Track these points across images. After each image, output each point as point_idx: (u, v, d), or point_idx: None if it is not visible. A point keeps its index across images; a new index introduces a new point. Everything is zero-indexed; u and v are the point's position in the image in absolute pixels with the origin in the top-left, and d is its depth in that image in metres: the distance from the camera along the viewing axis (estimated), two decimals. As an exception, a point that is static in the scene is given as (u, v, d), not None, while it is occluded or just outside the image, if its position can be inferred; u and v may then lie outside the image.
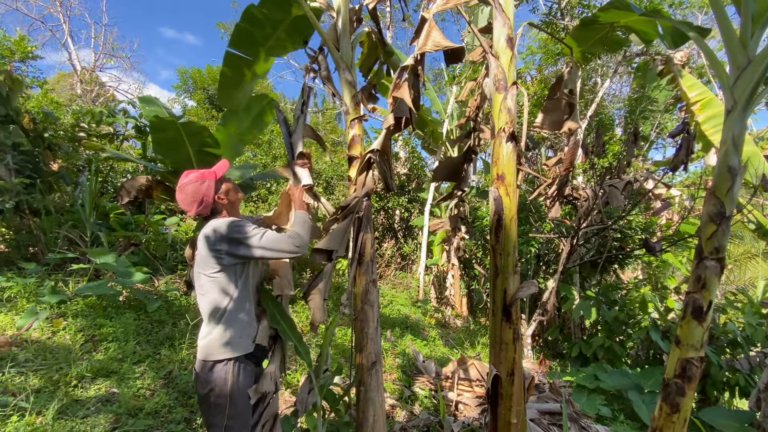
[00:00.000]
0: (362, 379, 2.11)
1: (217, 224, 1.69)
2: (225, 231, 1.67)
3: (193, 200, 1.72)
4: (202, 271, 1.71)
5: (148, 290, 4.99)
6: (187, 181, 1.74)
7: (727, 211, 1.91)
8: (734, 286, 8.13)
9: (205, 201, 1.73)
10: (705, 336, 1.95)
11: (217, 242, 1.66)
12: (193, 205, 1.73)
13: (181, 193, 1.74)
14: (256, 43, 2.69)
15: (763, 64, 1.92)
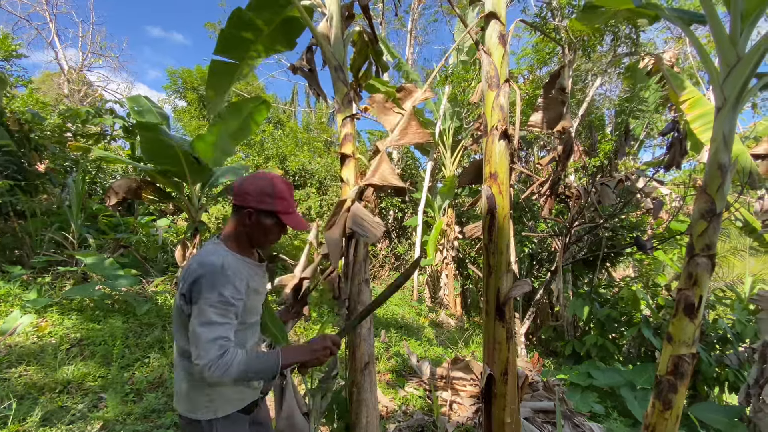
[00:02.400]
0: (355, 380, 2.09)
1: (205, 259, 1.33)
2: (204, 279, 1.28)
3: (246, 183, 1.40)
4: (180, 317, 1.37)
5: (137, 293, 4.91)
6: (271, 178, 1.43)
7: (717, 208, 1.92)
8: (723, 283, 8.25)
9: (244, 198, 1.38)
10: (696, 332, 1.96)
11: (195, 288, 1.29)
12: (240, 184, 1.41)
13: (258, 173, 1.44)
14: (243, 47, 2.63)
15: (752, 62, 1.94)
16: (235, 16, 2.44)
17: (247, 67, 2.80)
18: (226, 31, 2.51)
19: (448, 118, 8.83)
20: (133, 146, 5.93)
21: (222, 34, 2.52)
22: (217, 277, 1.28)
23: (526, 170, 3.05)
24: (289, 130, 11.94)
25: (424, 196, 9.03)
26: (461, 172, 5.28)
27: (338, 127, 2.41)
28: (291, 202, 1.46)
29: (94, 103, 14.05)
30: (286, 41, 2.72)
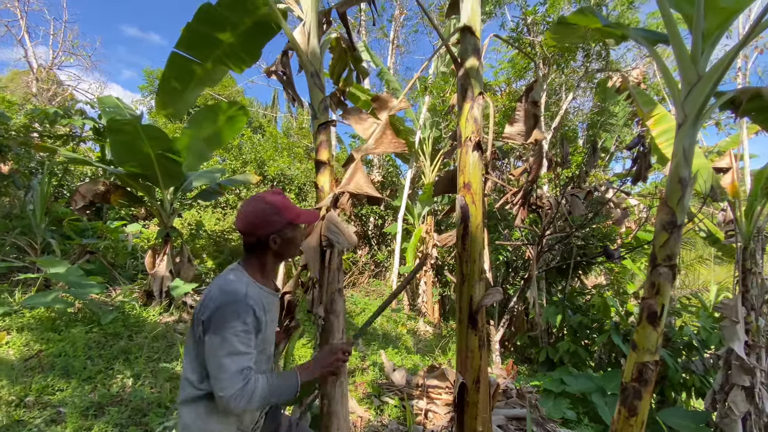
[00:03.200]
0: (325, 391, 2.05)
1: (228, 287, 1.30)
2: (224, 312, 1.24)
3: (253, 219, 1.37)
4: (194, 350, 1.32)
5: (103, 301, 4.71)
6: (261, 200, 1.40)
7: (678, 220, 2.00)
8: (689, 291, 8.59)
9: (259, 229, 1.37)
10: (659, 340, 2.02)
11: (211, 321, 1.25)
12: (248, 225, 1.37)
13: (247, 205, 1.40)
14: (208, 45, 2.56)
15: (712, 80, 2.04)
16: (203, 10, 2.37)
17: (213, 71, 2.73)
18: (191, 26, 2.42)
19: (427, 128, 8.94)
20: (103, 148, 5.73)
21: (187, 28, 2.43)
22: (240, 306, 1.26)
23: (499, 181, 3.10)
24: (269, 135, 11.81)
25: (404, 204, 9.08)
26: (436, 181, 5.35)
27: (314, 133, 2.39)
28: (290, 203, 1.46)
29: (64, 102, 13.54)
30: (254, 47, 2.67)
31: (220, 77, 2.96)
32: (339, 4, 2.50)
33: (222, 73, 2.90)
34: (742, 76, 8.89)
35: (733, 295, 3.85)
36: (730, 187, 4.11)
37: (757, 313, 3.89)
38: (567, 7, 6.77)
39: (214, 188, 5.38)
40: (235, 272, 1.38)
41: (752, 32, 2.03)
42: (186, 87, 2.84)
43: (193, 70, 2.72)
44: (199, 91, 2.97)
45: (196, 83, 2.85)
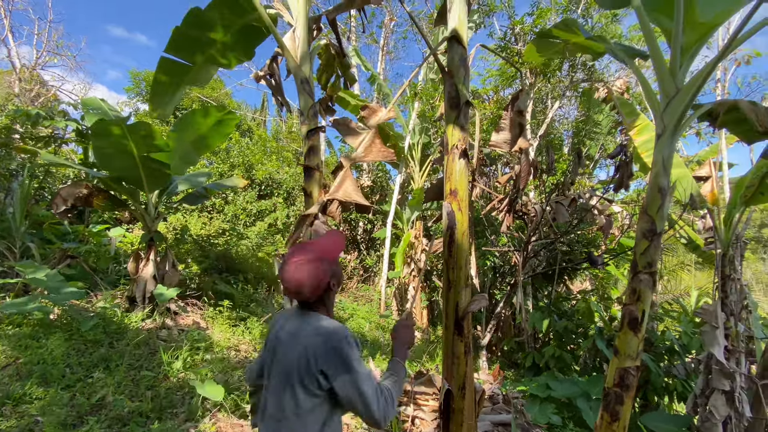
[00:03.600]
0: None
1: (329, 337, 1.32)
2: (339, 352, 1.29)
3: (312, 282, 1.37)
4: (299, 383, 1.29)
5: (83, 307, 4.60)
6: (304, 258, 1.38)
7: (658, 228, 2.05)
8: (670, 296, 8.77)
9: (321, 285, 1.39)
10: (640, 346, 2.06)
11: (331, 363, 1.28)
12: (308, 289, 1.37)
13: (296, 271, 1.36)
14: (197, 49, 2.55)
15: (690, 93, 2.10)
16: (193, 14, 2.37)
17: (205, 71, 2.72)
18: (180, 29, 2.41)
19: (417, 134, 9.00)
20: (86, 150, 5.62)
21: (176, 32, 2.42)
22: (348, 336, 1.34)
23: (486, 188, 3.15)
24: (258, 139, 11.73)
25: (393, 209, 9.10)
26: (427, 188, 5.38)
27: (303, 138, 2.39)
28: (324, 245, 1.48)
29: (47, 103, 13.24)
30: (244, 50, 2.67)
31: (211, 76, 2.95)
32: (329, 11, 2.52)
33: (212, 72, 2.90)
34: (721, 88, 9.19)
35: (713, 301, 3.94)
36: (709, 195, 4.23)
37: (736, 318, 3.98)
38: (554, 18, 6.93)
39: (200, 192, 5.32)
40: (314, 317, 1.42)
41: (729, 46, 2.10)
42: (177, 89, 2.83)
43: (184, 73, 2.71)
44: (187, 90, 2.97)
45: (186, 83, 2.84)
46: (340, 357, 1.29)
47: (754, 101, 1.95)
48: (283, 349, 1.37)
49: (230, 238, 7.20)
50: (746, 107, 1.89)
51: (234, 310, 5.66)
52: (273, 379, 1.37)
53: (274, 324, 1.50)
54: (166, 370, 3.71)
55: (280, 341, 1.40)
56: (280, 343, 1.40)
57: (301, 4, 2.35)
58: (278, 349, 1.39)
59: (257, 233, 8.06)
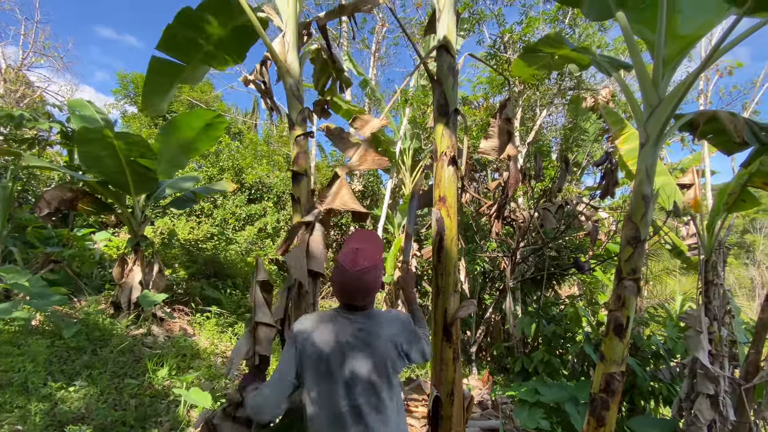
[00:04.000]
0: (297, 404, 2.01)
1: (402, 322, 1.54)
2: (412, 331, 1.55)
3: (373, 289, 1.47)
4: (391, 380, 1.42)
5: (67, 313, 4.49)
6: (368, 266, 1.42)
7: (642, 235, 2.09)
8: (656, 301, 8.90)
9: (378, 288, 1.51)
10: (626, 351, 2.09)
11: (412, 342, 1.52)
12: (373, 294, 1.48)
13: (363, 279, 1.41)
14: (189, 48, 2.54)
15: (672, 103, 2.15)
16: (184, 14, 2.36)
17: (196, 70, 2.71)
18: (172, 28, 2.40)
19: (408, 139, 9.04)
20: (71, 153, 5.52)
21: (167, 30, 2.41)
22: (406, 316, 1.62)
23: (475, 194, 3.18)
24: (249, 142, 11.66)
25: (384, 213, 9.09)
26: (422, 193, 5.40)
27: (291, 143, 2.38)
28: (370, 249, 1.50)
29: (33, 104, 13.00)
30: (236, 51, 2.67)
31: (202, 76, 2.94)
32: (319, 16, 2.53)
33: (204, 72, 2.89)
34: (704, 98, 9.43)
35: (697, 306, 4.01)
36: (692, 202, 4.33)
37: (720, 323, 4.06)
38: (542, 27, 7.05)
39: (188, 196, 5.26)
40: (374, 312, 1.54)
41: (710, 58, 2.16)
42: (169, 88, 2.81)
43: (176, 71, 2.70)
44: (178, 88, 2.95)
45: (178, 82, 2.83)
46: (414, 333, 1.55)
47: (733, 112, 2.01)
48: (356, 353, 1.39)
49: (219, 242, 7.12)
50: (725, 118, 1.95)
51: (222, 315, 5.59)
52: (358, 381, 1.38)
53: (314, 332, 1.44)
54: (150, 378, 3.64)
55: (350, 344, 1.40)
56: (351, 346, 1.40)
57: (290, 9, 2.35)
58: (354, 352, 1.39)
59: (246, 238, 7.98)
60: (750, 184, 3.31)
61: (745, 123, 1.92)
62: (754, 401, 3.63)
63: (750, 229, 29.37)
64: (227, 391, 3.87)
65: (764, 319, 3.57)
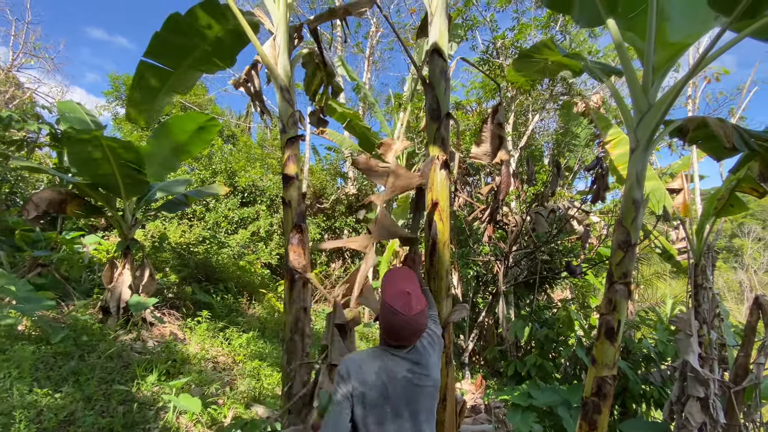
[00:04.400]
0: (290, 412, 1.99)
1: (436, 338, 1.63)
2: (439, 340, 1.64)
3: (424, 329, 1.52)
4: (436, 399, 1.52)
5: (54, 318, 4.41)
6: (423, 311, 1.48)
7: (632, 239, 2.11)
8: (647, 304, 8.98)
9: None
10: (617, 355, 2.10)
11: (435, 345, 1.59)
12: (419, 335, 1.50)
13: (415, 324, 1.44)
14: (178, 54, 2.52)
15: (661, 109, 2.18)
16: (172, 20, 2.35)
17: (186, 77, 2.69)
18: (160, 34, 2.39)
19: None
20: (60, 155, 5.45)
21: (155, 37, 2.41)
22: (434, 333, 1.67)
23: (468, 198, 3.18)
24: (242, 145, 11.61)
25: (377, 217, 9.07)
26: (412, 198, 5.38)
27: (282, 147, 2.37)
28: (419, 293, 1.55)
29: (22, 105, 12.82)
30: (226, 56, 2.66)
31: (193, 83, 2.91)
32: (310, 20, 2.53)
33: (194, 78, 2.85)
34: (692, 103, 9.59)
35: (687, 309, 4.05)
36: (682, 207, 4.38)
37: (709, 326, 4.10)
38: (534, 33, 7.13)
39: (180, 199, 5.21)
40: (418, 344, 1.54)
41: (698, 65, 2.19)
42: (156, 95, 2.78)
43: (164, 78, 2.67)
44: (170, 98, 2.90)
45: (167, 90, 2.79)
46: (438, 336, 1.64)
47: (721, 118, 2.03)
48: (414, 387, 1.43)
49: (211, 246, 7.05)
50: (714, 124, 1.97)
51: (213, 320, 5.53)
52: (422, 412, 1.44)
53: (371, 372, 1.43)
54: (139, 384, 3.58)
55: (409, 380, 1.43)
56: (410, 382, 1.43)
57: (281, 12, 2.35)
58: (407, 391, 1.43)
59: (239, 241, 7.92)
60: (738, 190, 3.36)
61: (733, 129, 1.95)
62: (743, 404, 3.66)
63: (738, 234, 29.84)
64: (217, 396, 3.82)
65: (753, 323, 3.61)
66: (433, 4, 2.31)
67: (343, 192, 11.60)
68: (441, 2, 2.27)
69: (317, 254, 10.77)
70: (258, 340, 5.68)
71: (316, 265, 10.36)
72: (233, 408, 3.58)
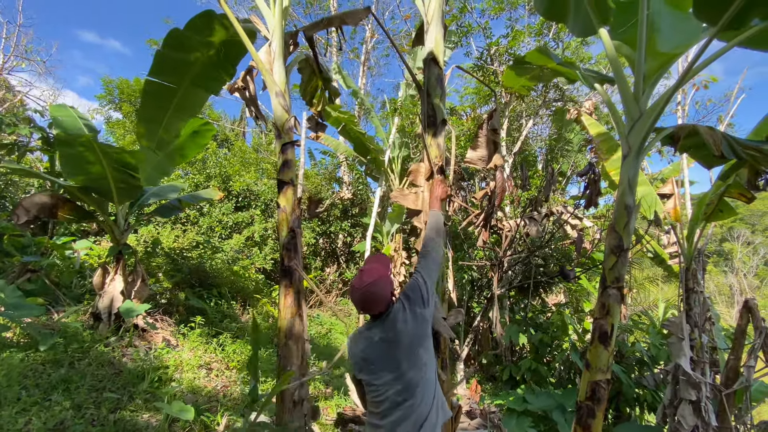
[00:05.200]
0: (283, 419, 1.98)
1: (404, 295, 1.79)
2: (411, 292, 1.79)
3: (383, 300, 1.72)
4: (423, 343, 1.73)
5: (44, 324, 4.34)
6: (374, 282, 1.71)
7: (625, 243, 2.13)
8: (640, 308, 9.06)
9: (388, 296, 1.75)
10: (610, 359, 2.11)
11: (417, 300, 1.75)
12: (387, 300, 1.73)
13: (366, 294, 1.70)
14: (181, 70, 2.53)
15: (652, 116, 2.22)
16: (172, 36, 2.36)
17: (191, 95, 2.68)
18: (162, 52, 2.41)
19: (396, 147, 9.10)
20: (52, 159, 5.39)
21: (158, 56, 2.42)
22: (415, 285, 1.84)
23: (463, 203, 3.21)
24: (237, 150, 11.57)
25: (372, 222, 9.09)
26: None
27: (277, 152, 2.38)
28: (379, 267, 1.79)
29: (13, 109, 12.68)
30: (226, 67, 2.66)
31: (201, 103, 2.90)
32: (306, 27, 2.54)
33: (200, 97, 2.85)
34: (681, 110, 9.75)
35: (679, 313, 4.09)
36: (672, 211, 4.44)
37: (700, 330, 4.15)
38: (527, 41, 7.22)
39: (173, 204, 5.17)
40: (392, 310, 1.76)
41: (687, 74, 2.24)
42: (165, 114, 2.77)
43: (170, 96, 2.67)
44: (183, 120, 2.89)
45: (175, 110, 2.79)
46: (415, 292, 1.78)
47: (711, 126, 2.08)
48: (389, 343, 1.69)
49: (204, 251, 6.99)
50: (704, 132, 2.01)
51: (206, 326, 5.47)
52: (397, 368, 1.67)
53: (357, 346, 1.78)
54: (131, 391, 3.53)
55: (379, 342, 1.70)
56: (380, 344, 1.70)
57: (276, 19, 2.37)
58: (384, 348, 1.69)
59: (233, 246, 7.87)
60: (727, 195, 3.41)
61: (723, 137, 1.99)
62: (734, 406, 3.70)
63: (728, 238, 30.28)
64: (211, 403, 3.78)
65: (742, 326, 3.65)
66: (429, 13, 2.34)
67: (339, 196, 11.60)
68: (437, 11, 2.30)
69: (312, 259, 10.73)
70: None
71: (311, 269, 10.31)
72: (227, 415, 3.54)
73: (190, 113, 2.86)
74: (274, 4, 2.42)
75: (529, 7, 8.06)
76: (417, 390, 1.66)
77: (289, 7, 2.61)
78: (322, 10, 12.93)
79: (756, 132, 2.82)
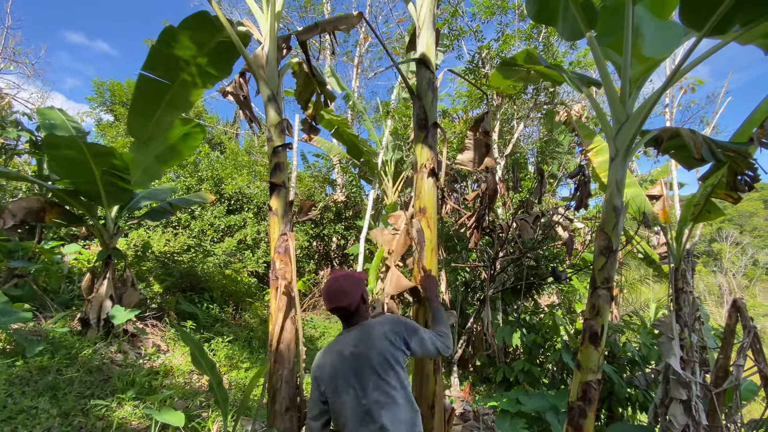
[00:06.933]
0: (275, 425, 1.96)
1: (392, 318, 1.78)
2: (403, 322, 1.76)
3: (351, 295, 1.73)
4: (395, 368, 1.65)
5: (31, 330, 4.26)
6: (348, 276, 1.79)
7: (614, 245, 2.16)
8: (631, 308, 9.15)
9: (363, 297, 1.78)
10: (601, 359, 2.13)
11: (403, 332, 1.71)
12: (355, 297, 1.73)
13: (337, 285, 1.74)
14: (174, 66, 2.53)
15: (638, 119, 2.26)
16: (167, 33, 2.36)
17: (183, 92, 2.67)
18: (156, 47, 2.41)
19: (390, 150, 9.13)
20: (40, 162, 5.31)
21: (152, 50, 2.42)
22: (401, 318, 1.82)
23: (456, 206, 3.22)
24: (230, 152, 11.50)
25: (366, 224, 9.08)
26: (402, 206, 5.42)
27: (269, 155, 2.37)
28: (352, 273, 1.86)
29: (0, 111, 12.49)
30: (220, 67, 2.66)
31: (194, 99, 2.89)
32: (299, 31, 2.55)
33: (193, 94, 2.84)
34: (669, 113, 9.91)
35: (669, 313, 4.13)
36: (661, 213, 4.50)
37: (690, 329, 4.19)
38: (518, 44, 7.30)
39: (164, 207, 5.12)
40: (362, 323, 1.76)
41: (672, 78, 2.29)
42: (156, 109, 2.76)
43: (162, 92, 2.66)
44: (173, 116, 2.88)
45: (167, 106, 2.78)
46: (408, 326, 1.75)
47: (693, 129, 2.11)
48: (359, 359, 1.64)
49: (196, 254, 6.93)
50: (686, 135, 2.05)
51: (198, 331, 5.41)
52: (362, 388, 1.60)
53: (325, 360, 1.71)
54: (120, 398, 3.47)
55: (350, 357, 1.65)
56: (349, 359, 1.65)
57: (269, 22, 2.37)
58: (352, 364, 1.64)
59: (225, 250, 7.81)
60: (714, 196, 3.47)
61: (703, 140, 2.02)
62: (724, 405, 3.74)
63: (717, 238, 30.75)
64: (201, 408, 3.74)
65: (731, 325, 3.71)
66: (420, 18, 2.36)
67: (332, 199, 11.58)
68: (428, 16, 2.32)
69: (305, 262, 10.68)
70: (244, 350, 5.58)
71: (305, 273, 10.27)
72: (218, 421, 3.50)
73: (182, 109, 2.85)
74: (267, 8, 2.42)
75: (518, 12, 8.15)
76: (382, 412, 1.57)
77: (282, 11, 2.61)
78: (316, 14, 12.94)
79: (739, 134, 2.88)
